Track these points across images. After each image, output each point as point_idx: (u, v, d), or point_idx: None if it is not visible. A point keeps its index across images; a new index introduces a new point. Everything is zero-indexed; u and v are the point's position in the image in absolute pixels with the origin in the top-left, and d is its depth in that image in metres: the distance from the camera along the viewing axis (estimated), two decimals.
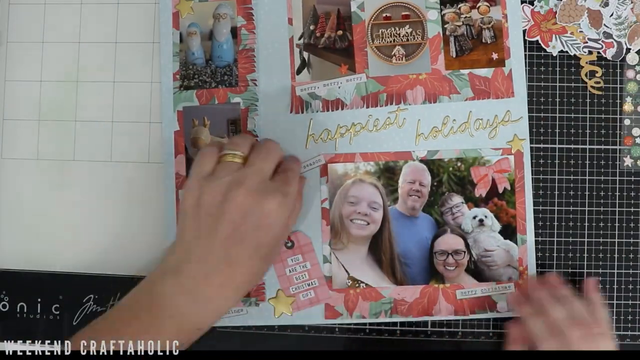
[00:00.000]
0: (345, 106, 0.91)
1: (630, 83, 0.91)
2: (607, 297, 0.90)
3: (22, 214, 0.94)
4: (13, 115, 0.95)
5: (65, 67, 0.94)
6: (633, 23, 0.90)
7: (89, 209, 0.93)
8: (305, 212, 0.91)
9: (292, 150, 0.90)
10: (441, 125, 0.90)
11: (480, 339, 0.91)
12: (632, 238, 0.91)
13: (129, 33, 0.94)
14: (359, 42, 0.91)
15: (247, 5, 0.92)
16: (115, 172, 0.93)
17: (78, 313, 0.91)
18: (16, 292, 0.93)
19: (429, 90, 0.90)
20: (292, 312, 0.90)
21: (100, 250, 0.93)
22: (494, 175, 0.90)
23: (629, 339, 0.90)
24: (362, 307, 0.90)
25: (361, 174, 0.90)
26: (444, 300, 0.90)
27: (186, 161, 0.91)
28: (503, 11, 0.90)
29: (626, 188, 0.91)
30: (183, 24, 0.93)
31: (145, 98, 0.93)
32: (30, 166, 0.94)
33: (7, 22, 0.95)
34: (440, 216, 0.90)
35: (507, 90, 0.90)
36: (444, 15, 0.91)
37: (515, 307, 0.88)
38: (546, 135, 0.91)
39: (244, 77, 0.92)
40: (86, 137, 0.94)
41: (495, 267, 0.89)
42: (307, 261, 0.90)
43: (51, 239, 0.93)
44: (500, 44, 0.90)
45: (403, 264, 0.90)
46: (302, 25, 0.92)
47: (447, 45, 0.90)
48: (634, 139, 0.91)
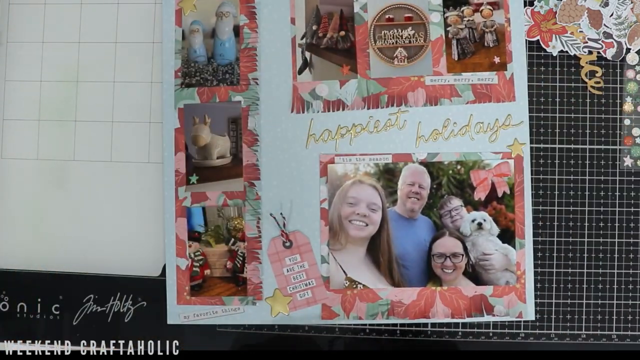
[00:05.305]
0: (346, 107, 0.91)
1: (630, 83, 0.91)
2: (607, 297, 0.90)
3: (22, 214, 0.94)
4: (13, 115, 0.95)
5: (65, 67, 0.94)
6: (633, 23, 0.89)
7: (89, 209, 0.94)
8: (304, 212, 0.91)
9: (292, 150, 0.91)
10: (442, 128, 0.90)
11: (480, 339, 0.91)
12: (632, 238, 0.91)
13: (129, 33, 0.94)
14: (361, 43, 0.91)
15: (250, 3, 0.92)
16: (115, 172, 0.93)
17: (78, 313, 0.92)
18: (16, 292, 0.93)
19: (430, 92, 0.90)
20: (289, 312, 0.91)
21: (100, 250, 0.93)
22: (493, 179, 0.90)
23: (629, 339, 0.90)
24: (359, 308, 0.90)
25: (361, 175, 0.90)
26: (441, 303, 0.90)
27: (186, 159, 0.92)
28: (506, 15, 0.90)
29: (626, 188, 0.91)
30: (186, 22, 0.92)
31: (145, 98, 0.93)
32: (30, 166, 0.94)
33: (7, 22, 0.95)
34: (439, 219, 0.90)
35: (509, 94, 0.89)
36: (446, 18, 0.90)
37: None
38: (546, 135, 0.91)
39: (245, 76, 0.92)
40: (86, 137, 0.94)
41: (493, 270, 0.90)
42: (305, 261, 0.91)
43: (51, 239, 0.94)
44: (502, 48, 0.90)
45: (401, 265, 0.90)
46: (304, 25, 0.92)
47: (449, 48, 0.90)
48: (634, 139, 0.91)
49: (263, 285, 0.91)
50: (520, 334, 0.90)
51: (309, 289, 0.91)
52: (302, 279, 0.91)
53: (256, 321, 0.91)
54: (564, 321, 0.90)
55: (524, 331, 0.90)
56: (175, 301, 0.91)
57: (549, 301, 0.90)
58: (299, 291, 0.91)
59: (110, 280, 0.92)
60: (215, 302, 0.91)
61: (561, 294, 0.90)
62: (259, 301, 0.91)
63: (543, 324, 0.90)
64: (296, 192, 0.91)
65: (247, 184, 0.91)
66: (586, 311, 0.90)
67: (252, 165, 0.91)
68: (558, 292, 0.90)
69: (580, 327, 0.90)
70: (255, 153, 0.91)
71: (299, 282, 0.91)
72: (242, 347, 0.92)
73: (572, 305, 0.90)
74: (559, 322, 0.90)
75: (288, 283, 0.91)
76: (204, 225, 0.92)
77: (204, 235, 0.92)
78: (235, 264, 0.91)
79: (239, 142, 0.91)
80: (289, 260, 0.91)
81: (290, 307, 0.91)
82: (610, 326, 0.90)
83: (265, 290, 0.91)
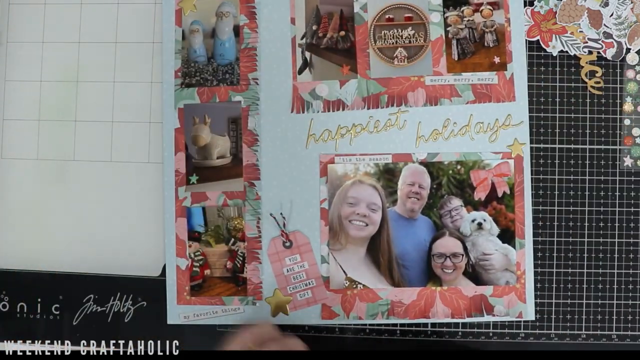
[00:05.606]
0: (346, 107, 0.91)
1: (630, 83, 0.91)
2: (607, 297, 0.90)
3: (22, 214, 0.94)
4: (13, 115, 0.95)
5: (65, 67, 0.94)
6: (633, 23, 0.89)
7: (89, 209, 0.94)
8: (304, 212, 0.91)
9: (292, 150, 0.91)
10: (442, 128, 0.90)
11: (480, 339, 0.91)
12: (632, 238, 0.91)
13: (129, 33, 0.94)
14: (361, 43, 0.91)
15: (250, 4, 0.92)
16: (115, 172, 0.93)
17: (78, 313, 0.92)
18: (16, 292, 0.93)
19: (430, 92, 0.90)
20: (289, 312, 0.91)
21: (101, 250, 0.93)
22: (493, 179, 0.90)
23: (629, 339, 0.90)
24: (359, 308, 0.90)
25: (361, 175, 0.90)
26: (441, 303, 0.90)
27: (186, 159, 0.92)
28: (506, 15, 0.90)
29: (626, 188, 0.91)
30: (186, 22, 0.92)
31: (145, 98, 0.93)
32: (30, 166, 0.94)
33: (7, 22, 0.95)
34: (439, 219, 0.90)
35: (509, 94, 0.89)
36: (446, 18, 0.90)
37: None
38: (546, 135, 0.91)
39: (245, 76, 0.92)
40: (86, 137, 0.94)
41: (493, 270, 0.90)
42: (305, 261, 0.91)
43: (51, 239, 0.94)
44: (502, 48, 0.90)
45: (401, 265, 0.90)
46: (304, 25, 0.92)
47: (449, 48, 0.90)
48: (634, 139, 0.91)
49: (263, 285, 0.91)
50: (520, 334, 0.90)
51: (309, 289, 0.91)
52: (302, 279, 0.91)
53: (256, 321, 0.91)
54: (564, 321, 0.90)
55: (524, 331, 0.90)
56: (175, 301, 0.91)
57: (549, 301, 0.90)
58: (299, 291, 0.91)
59: (110, 280, 0.92)
60: (215, 302, 0.91)
61: (561, 294, 0.90)
62: (259, 301, 0.91)
63: (543, 324, 0.90)
64: (296, 192, 0.91)
65: (247, 184, 0.91)
66: (586, 311, 0.90)
67: (252, 165, 0.91)
68: (558, 292, 0.90)
69: (580, 327, 0.90)
70: (255, 153, 0.91)
71: (299, 282, 0.91)
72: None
73: (572, 305, 0.90)
74: (559, 322, 0.90)
75: (288, 283, 0.91)
76: (204, 225, 0.91)
77: (204, 235, 0.92)
78: (235, 264, 0.91)
79: (239, 142, 0.91)
80: (289, 260, 0.91)
81: (290, 307, 0.91)
82: (610, 326, 0.90)
83: (265, 290, 0.91)
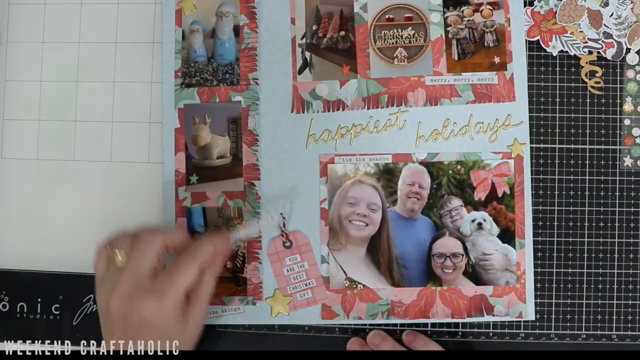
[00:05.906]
0: (346, 107, 0.91)
1: (630, 83, 0.91)
2: (607, 297, 0.90)
3: (22, 214, 0.94)
4: (13, 115, 0.95)
5: (65, 67, 0.94)
6: (633, 23, 0.89)
7: (89, 209, 0.94)
8: (304, 212, 0.91)
9: (292, 150, 0.91)
10: (442, 128, 0.90)
11: (480, 339, 0.91)
12: (632, 238, 0.91)
13: (129, 33, 0.94)
14: (361, 43, 0.91)
15: (250, 4, 0.92)
16: (115, 172, 0.93)
17: (78, 313, 0.92)
18: (16, 292, 0.93)
19: (430, 92, 0.90)
20: (289, 312, 0.91)
21: None
22: (493, 179, 0.89)
23: (629, 339, 0.90)
24: (359, 308, 0.90)
25: (361, 175, 0.90)
26: (441, 303, 0.90)
27: (186, 159, 0.92)
28: (506, 15, 0.90)
29: (626, 188, 0.91)
30: (185, 22, 0.92)
31: (145, 98, 0.93)
32: (30, 166, 0.94)
33: (7, 22, 0.95)
34: (439, 219, 0.90)
35: (509, 94, 0.89)
36: (446, 18, 0.90)
37: None
38: (546, 135, 0.91)
39: (245, 76, 0.92)
40: (86, 137, 0.94)
41: (493, 270, 0.90)
42: (305, 261, 0.91)
43: (51, 239, 0.94)
44: (502, 48, 0.90)
45: (401, 265, 0.90)
46: (304, 25, 0.92)
47: (449, 48, 0.90)
48: (634, 139, 0.91)
49: (263, 285, 0.91)
50: (520, 334, 0.90)
51: (309, 289, 0.91)
52: (302, 279, 0.91)
53: (256, 321, 0.91)
54: (564, 321, 0.90)
55: (524, 331, 0.90)
56: None
57: (549, 301, 0.90)
58: (299, 291, 0.91)
59: None
60: (215, 302, 0.91)
61: (561, 294, 0.90)
62: (259, 301, 0.91)
63: (543, 324, 0.90)
64: (296, 192, 0.91)
65: (247, 184, 0.91)
66: (586, 311, 0.90)
67: (252, 165, 0.91)
68: (558, 292, 0.90)
69: (580, 327, 0.90)
70: (255, 153, 0.91)
71: (299, 282, 0.91)
72: (241, 347, 0.91)
73: (572, 305, 0.90)
74: (559, 322, 0.90)
75: (288, 283, 0.91)
76: (204, 225, 0.91)
77: None
78: (235, 264, 0.91)
79: (239, 142, 0.91)
80: (289, 260, 0.91)
81: (290, 307, 0.91)
82: (610, 326, 0.90)
83: (265, 290, 0.91)
